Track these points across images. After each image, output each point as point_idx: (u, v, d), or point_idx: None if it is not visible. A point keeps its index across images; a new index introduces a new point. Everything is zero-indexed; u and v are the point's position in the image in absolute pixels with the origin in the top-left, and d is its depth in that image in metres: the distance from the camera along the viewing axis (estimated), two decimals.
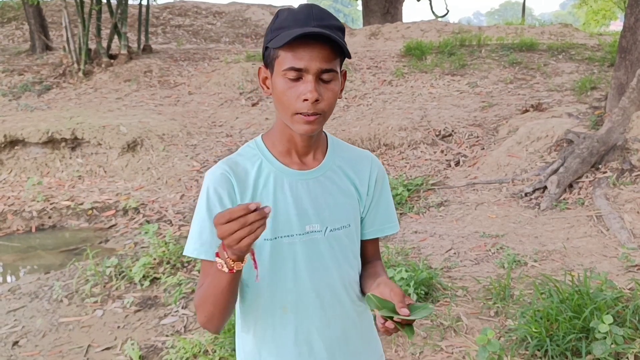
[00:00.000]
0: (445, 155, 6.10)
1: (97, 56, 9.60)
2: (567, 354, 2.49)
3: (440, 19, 15.04)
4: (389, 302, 1.05)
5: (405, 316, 1.01)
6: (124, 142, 6.33)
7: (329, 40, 1.08)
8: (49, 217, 5.43)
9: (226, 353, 2.75)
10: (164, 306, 3.42)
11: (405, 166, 6.01)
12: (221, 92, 8.57)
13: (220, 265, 1.03)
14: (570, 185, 4.70)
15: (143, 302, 3.48)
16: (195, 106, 8.07)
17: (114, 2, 9.83)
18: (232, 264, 1.02)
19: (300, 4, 1.15)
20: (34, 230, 5.29)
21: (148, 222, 4.95)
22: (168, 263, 3.86)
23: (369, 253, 1.35)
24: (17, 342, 3.12)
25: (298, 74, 1.10)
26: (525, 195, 4.76)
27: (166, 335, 3.09)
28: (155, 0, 13.83)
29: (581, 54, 8.97)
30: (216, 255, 1.04)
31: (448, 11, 16.57)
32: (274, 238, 1.19)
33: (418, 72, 8.59)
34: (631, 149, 4.80)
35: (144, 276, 3.71)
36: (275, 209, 1.19)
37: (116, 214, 5.38)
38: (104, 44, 9.74)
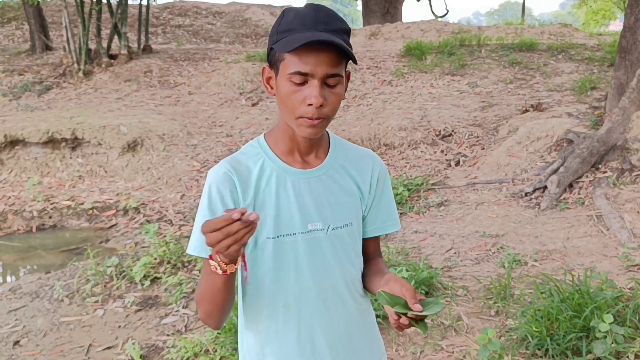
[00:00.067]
0: (446, 155, 6.11)
1: (97, 56, 9.60)
2: (568, 353, 2.49)
3: (439, 19, 15.04)
4: (400, 298, 1.06)
5: (418, 312, 1.01)
6: (124, 142, 6.33)
7: (335, 46, 1.09)
8: (50, 217, 5.43)
9: (227, 352, 2.75)
10: (165, 306, 3.43)
11: (406, 166, 6.01)
12: (221, 92, 8.57)
13: (214, 267, 1.05)
14: (571, 185, 4.71)
15: (144, 302, 3.48)
16: (196, 106, 8.07)
17: (114, 2, 9.83)
18: (225, 266, 1.04)
19: (307, 5, 1.15)
20: (34, 230, 5.29)
21: (148, 222, 4.95)
22: (169, 263, 3.87)
23: (370, 250, 1.36)
24: (18, 342, 3.13)
25: (304, 78, 1.10)
26: (526, 195, 4.76)
27: (167, 335, 3.09)
28: (155, 0, 13.83)
29: (581, 54, 8.98)
30: (210, 258, 1.05)
31: (448, 11, 16.57)
32: (277, 237, 1.20)
33: (418, 72, 8.59)
34: (631, 148, 4.80)
35: (144, 276, 3.71)
36: (278, 207, 1.20)
37: (116, 213, 5.39)
38: (104, 44, 9.75)
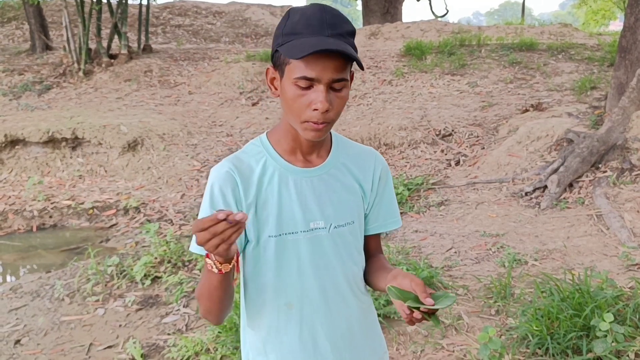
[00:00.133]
0: (446, 154, 6.11)
1: (97, 56, 9.61)
2: (568, 352, 2.50)
3: (439, 19, 15.04)
4: (410, 293, 1.06)
5: (430, 306, 1.02)
6: (124, 142, 6.34)
7: (343, 53, 1.08)
8: (50, 217, 5.43)
9: (228, 351, 2.76)
10: (166, 305, 3.43)
11: (406, 166, 6.02)
12: (221, 92, 8.58)
13: (210, 266, 1.07)
14: (571, 185, 4.71)
15: (144, 301, 3.49)
16: (196, 106, 8.08)
17: (114, 2, 9.83)
18: (220, 265, 1.06)
19: (312, 5, 1.13)
20: (34, 229, 5.29)
21: (149, 222, 4.96)
22: (169, 262, 3.87)
23: (372, 247, 1.36)
24: (19, 341, 3.13)
25: (309, 83, 1.09)
26: (526, 194, 4.77)
27: (168, 334, 3.10)
28: (155, 0, 13.83)
29: (581, 54, 8.98)
30: (207, 256, 1.07)
31: (448, 11, 16.56)
32: (279, 235, 1.20)
33: (418, 72, 8.59)
34: (631, 148, 4.81)
35: (145, 275, 3.72)
36: (280, 206, 1.20)
37: (117, 213, 5.39)
38: (104, 44, 9.75)
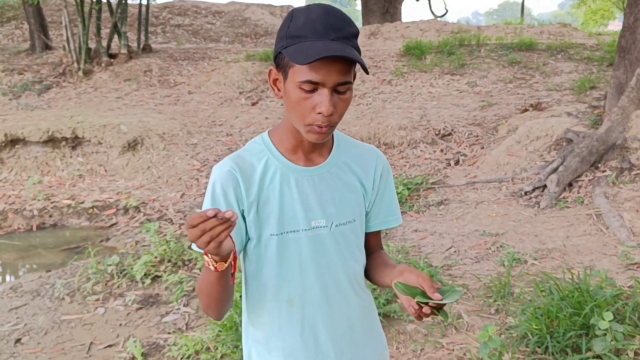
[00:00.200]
0: (445, 154, 6.12)
1: (97, 55, 9.61)
2: (568, 351, 2.50)
3: (439, 19, 15.05)
4: (416, 288, 1.07)
5: (439, 300, 1.03)
6: (124, 141, 6.34)
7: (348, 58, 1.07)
8: (50, 216, 5.44)
9: (228, 350, 2.76)
10: (166, 304, 3.43)
11: (405, 165, 6.02)
12: (221, 92, 8.58)
13: (207, 263, 1.07)
14: (570, 184, 4.72)
15: (145, 300, 3.49)
16: (195, 105, 8.08)
17: (113, 2, 9.83)
18: (216, 263, 1.06)
19: (316, 6, 1.11)
20: (34, 228, 5.29)
21: (149, 221, 4.96)
22: (169, 261, 3.88)
23: (372, 244, 1.38)
24: (20, 340, 3.14)
25: (314, 86, 1.09)
26: (525, 193, 4.78)
27: (168, 333, 3.10)
28: (155, 0, 13.83)
29: (580, 54, 8.99)
30: (204, 254, 1.07)
31: (447, 11, 16.56)
32: (280, 233, 1.21)
33: (417, 72, 8.60)
34: (630, 147, 4.82)
35: (145, 274, 3.72)
36: (282, 204, 1.21)
37: (117, 212, 5.39)
38: (104, 44, 9.75)
